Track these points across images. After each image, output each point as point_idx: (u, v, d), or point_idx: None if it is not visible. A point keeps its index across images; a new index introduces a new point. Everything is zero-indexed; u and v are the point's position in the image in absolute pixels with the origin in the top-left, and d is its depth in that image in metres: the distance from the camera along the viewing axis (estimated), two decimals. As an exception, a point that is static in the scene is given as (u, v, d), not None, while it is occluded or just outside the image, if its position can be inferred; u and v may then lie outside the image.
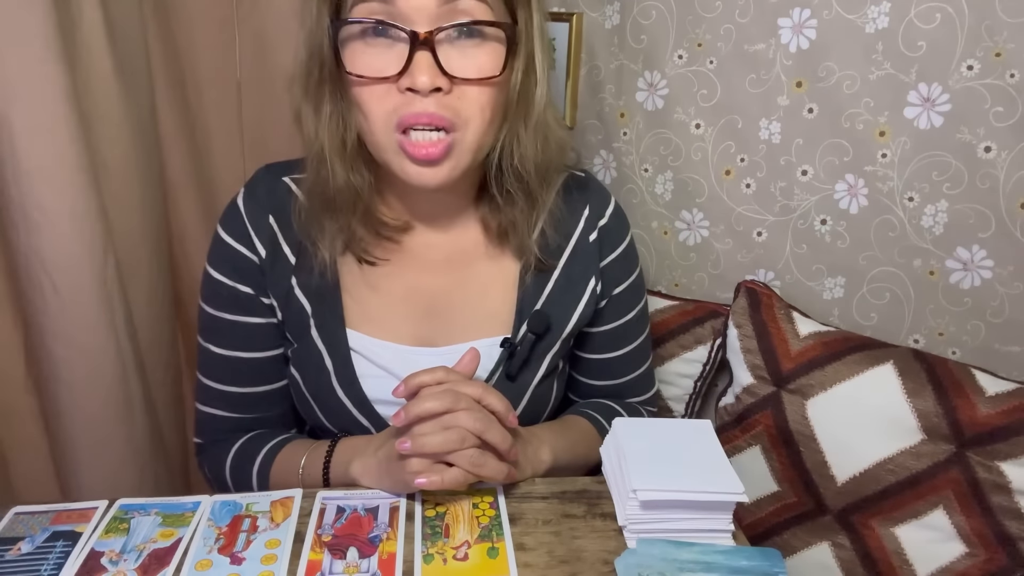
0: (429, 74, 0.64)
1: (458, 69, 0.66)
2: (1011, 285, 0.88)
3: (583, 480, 0.76)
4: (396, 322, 0.80)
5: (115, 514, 0.69)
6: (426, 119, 0.66)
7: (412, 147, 0.67)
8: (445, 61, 0.65)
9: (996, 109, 0.82)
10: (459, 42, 0.66)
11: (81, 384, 0.90)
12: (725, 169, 1.02)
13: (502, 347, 0.79)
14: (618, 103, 1.07)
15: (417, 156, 0.67)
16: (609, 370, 0.90)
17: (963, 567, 0.84)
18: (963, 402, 0.83)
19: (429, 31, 0.64)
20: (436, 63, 0.64)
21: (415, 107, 0.66)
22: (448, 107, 0.67)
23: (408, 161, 0.69)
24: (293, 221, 0.78)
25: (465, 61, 0.66)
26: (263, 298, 0.80)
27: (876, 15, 0.86)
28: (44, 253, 0.83)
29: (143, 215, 0.99)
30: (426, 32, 0.64)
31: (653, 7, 0.99)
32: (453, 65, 0.65)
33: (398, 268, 0.80)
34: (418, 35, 0.64)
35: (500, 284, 0.81)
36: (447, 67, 0.65)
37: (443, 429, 0.66)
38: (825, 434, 0.90)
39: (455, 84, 0.66)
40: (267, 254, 0.78)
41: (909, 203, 0.90)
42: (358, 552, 0.64)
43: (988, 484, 0.82)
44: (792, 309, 0.99)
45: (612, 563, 0.64)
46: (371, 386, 0.78)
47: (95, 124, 0.89)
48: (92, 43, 0.87)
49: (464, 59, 0.66)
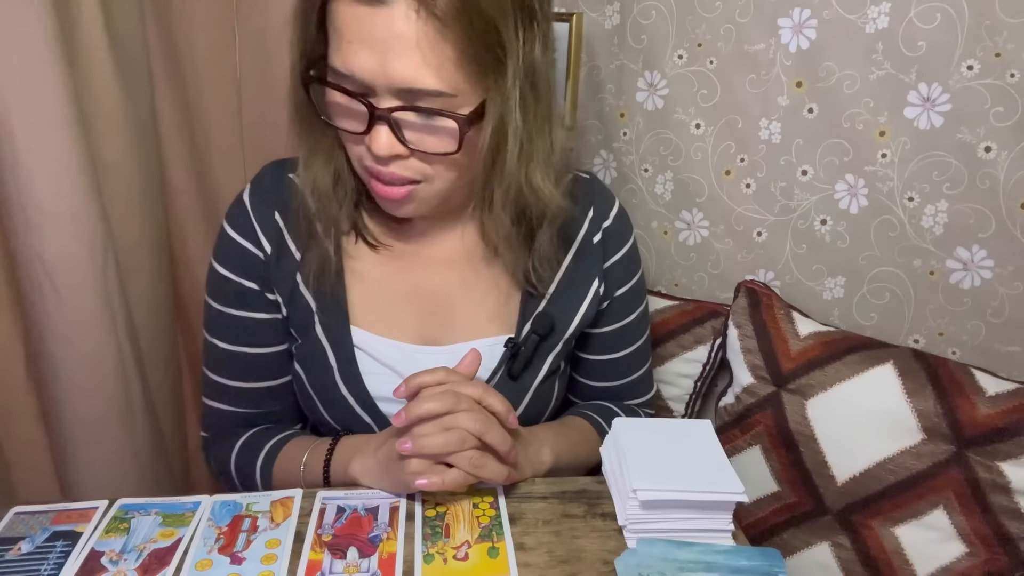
0: (387, 144, 0.65)
1: (416, 142, 0.66)
2: (1011, 285, 0.88)
3: (583, 480, 0.76)
4: (400, 320, 0.80)
5: (115, 514, 0.69)
6: (387, 176, 0.68)
7: (377, 187, 0.70)
8: (405, 131, 0.65)
9: (996, 109, 0.82)
10: (419, 117, 0.65)
11: (81, 384, 0.90)
12: (725, 169, 1.02)
13: (506, 347, 0.79)
14: (618, 103, 1.07)
15: (380, 194, 0.71)
16: (609, 372, 0.90)
17: (963, 567, 0.84)
18: (963, 402, 0.83)
19: (386, 108, 0.64)
20: (394, 134, 0.65)
21: (377, 165, 0.68)
22: (409, 168, 0.68)
23: (379, 196, 0.72)
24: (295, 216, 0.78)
25: (424, 135, 0.66)
26: (268, 294, 0.80)
27: (876, 15, 0.86)
28: (44, 253, 0.83)
29: (143, 215, 0.99)
30: (383, 108, 0.64)
31: (653, 7, 0.99)
32: (412, 137, 0.66)
33: (402, 266, 0.81)
34: (376, 110, 0.64)
35: (504, 284, 0.81)
36: (406, 138, 0.65)
37: (443, 430, 0.66)
38: (825, 434, 0.90)
39: (414, 154, 0.67)
40: (272, 250, 0.79)
41: (909, 203, 0.90)
42: (358, 552, 0.64)
43: (988, 484, 0.82)
44: (792, 309, 0.99)
45: (612, 563, 0.64)
46: (374, 383, 0.78)
47: (95, 124, 0.89)
48: (92, 43, 0.87)
49: (423, 133, 0.66)
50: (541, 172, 0.70)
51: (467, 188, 0.73)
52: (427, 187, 0.70)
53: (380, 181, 0.69)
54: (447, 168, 0.69)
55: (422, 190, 0.70)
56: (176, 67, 1.04)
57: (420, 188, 0.70)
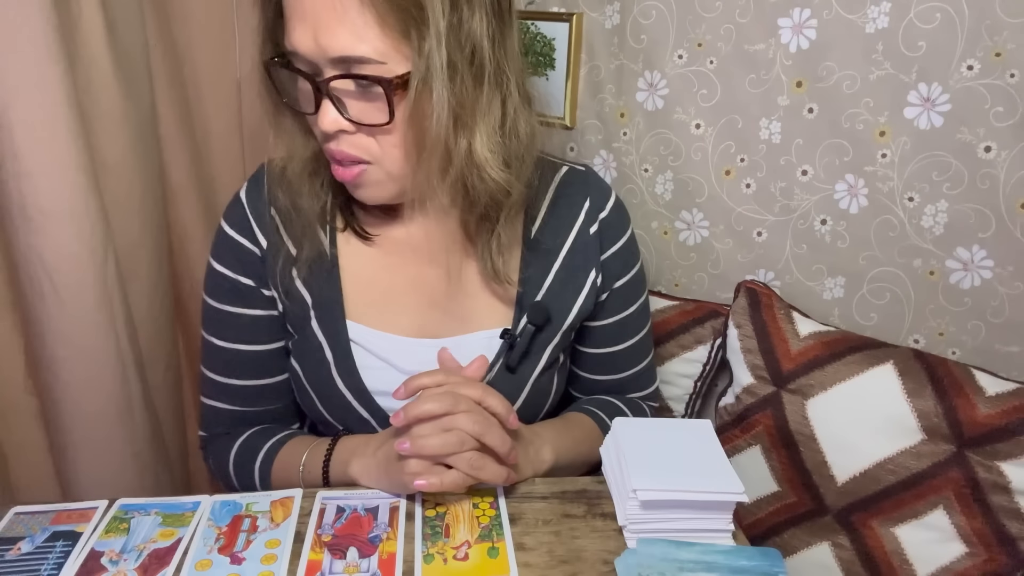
0: (331, 119, 0.67)
1: (358, 115, 0.68)
2: (1011, 285, 0.88)
3: (583, 480, 0.76)
4: (396, 313, 0.80)
5: (115, 514, 0.69)
6: (339, 156, 0.70)
7: (335, 170, 0.72)
8: (348, 107, 0.67)
9: (996, 109, 0.82)
10: (355, 89, 0.67)
11: (81, 384, 0.90)
12: (725, 169, 1.02)
13: (502, 338, 0.79)
14: (618, 103, 1.07)
15: (337, 176, 0.72)
16: (610, 365, 0.90)
17: (963, 567, 0.84)
18: (963, 402, 0.83)
19: (325, 79, 0.65)
20: (337, 109, 0.67)
21: (329, 143, 0.70)
22: (357, 145, 0.69)
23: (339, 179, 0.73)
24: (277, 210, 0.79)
25: (363, 107, 0.67)
26: (264, 290, 0.80)
27: (876, 15, 0.86)
28: (44, 253, 0.83)
29: (143, 215, 0.99)
30: (321, 80, 0.66)
31: (653, 7, 0.99)
32: (354, 112, 0.68)
33: (398, 259, 0.81)
34: (316, 83, 0.66)
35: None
36: (347, 112, 0.67)
37: (442, 431, 0.66)
38: (825, 434, 0.90)
39: (358, 129, 0.68)
40: (268, 246, 0.79)
41: (909, 203, 0.90)
42: (358, 552, 0.64)
43: (988, 484, 0.82)
44: (792, 309, 0.99)
45: (612, 563, 0.64)
46: (371, 377, 0.78)
47: (95, 124, 0.89)
48: (92, 43, 0.87)
49: (362, 105, 0.67)
50: (483, 147, 0.68)
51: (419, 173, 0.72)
52: (377, 168, 0.71)
53: (335, 169, 0.72)
54: (391, 145, 0.69)
55: (372, 172, 0.71)
56: (176, 67, 1.04)
57: (371, 169, 0.71)
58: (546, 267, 0.82)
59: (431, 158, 0.68)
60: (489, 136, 0.69)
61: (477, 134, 0.68)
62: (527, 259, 0.81)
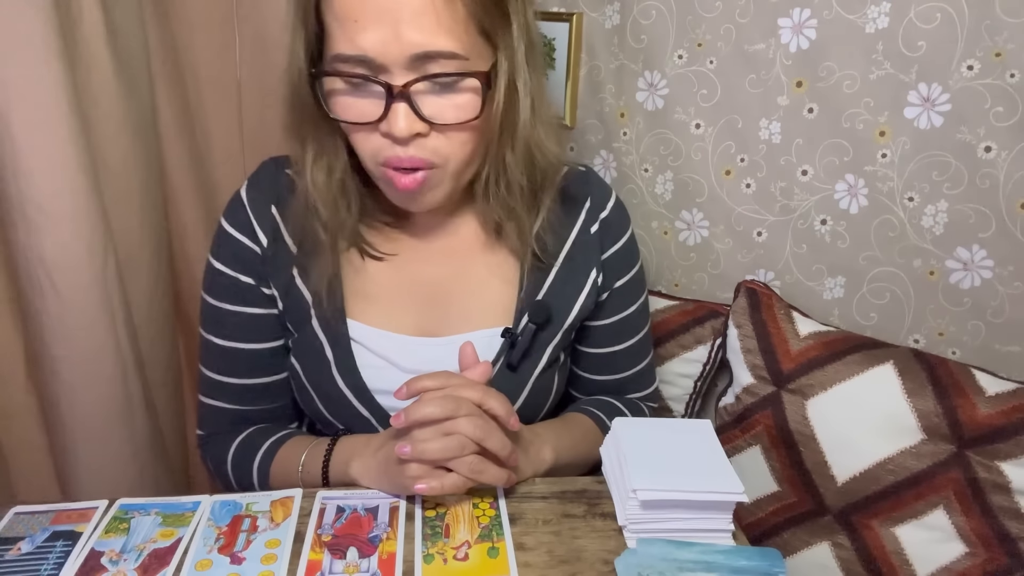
0: (407, 122, 0.65)
1: (436, 115, 0.66)
2: (1011, 285, 0.88)
3: (583, 480, 0.76)
4: (397, 312, 0.80)
5: (115, 514, 0.69)
6: (407, 163, 0.68)
7: (395, 180, 0.70)
8: (423, 107, 0.66)
9: (996, 109, 0.82)
10: (432, 88, 0.66)
11: (81, 384, 0.90)
12: (725, 169, 1.02)
13: (503, 337, 0.79)
14: (618, 103, 1.07)
15: (398, 188, 0.70)
16: (610, 365, 0.90)
17: (963, 567, 0.84)
18: (963, 402, 0.83)
19: (404, 84, 0.64)
20: (413, 111, 0.65)
21: (396, 151, 0.68)
22: (427, 148, 0.68)
23: (393, 189, 0.72)
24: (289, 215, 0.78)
25: (443, 106, 0.66)
26: (264, 288, 0.80)
27: (876, 15, 0.86)
28: (44, 253, 0.83)
29: (143, 215, 0.99)
30: (401, 86, 0.64)
31: (653, 7, 0.99)
32: (431, 111, 0.66)
33: (400, 258, 0.81)
34: (392, 88, 0.64)
35: (501, 274, 0.81)
36: (425, 113, 0.66)
37: (443, 435, 0.66)
38: (825, 434, 0.90)
39: (435, 129, 0.67)
40: (269, 244, 0.79)
41: (909, 203, 0.90)
42: (358, 552, 0.64)
43: (988, 484, 0.82)
44: (792, 309, 0.99)
45: (612, 563, 0.64)
46: (371, 376, 0.78)
47: (95, 124, 0.89)
48: (92, 43, 0.87)
49: (441, 104, 0.66)
50: (545, 130, 0.73)
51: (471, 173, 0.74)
52: (441, 172, 0.70)
53: (399, 171, 0.69)
54: (462, 144, 0.69)
55: (436, 175, 0.70)
56: (176, 67, 1.04)
57: (434, 174, 0.70)
58: (547, 266, 0.82)
59: (505, 147, 0.71)
60: (548, 119, 0.74)
61: (540, 118, 0.73)
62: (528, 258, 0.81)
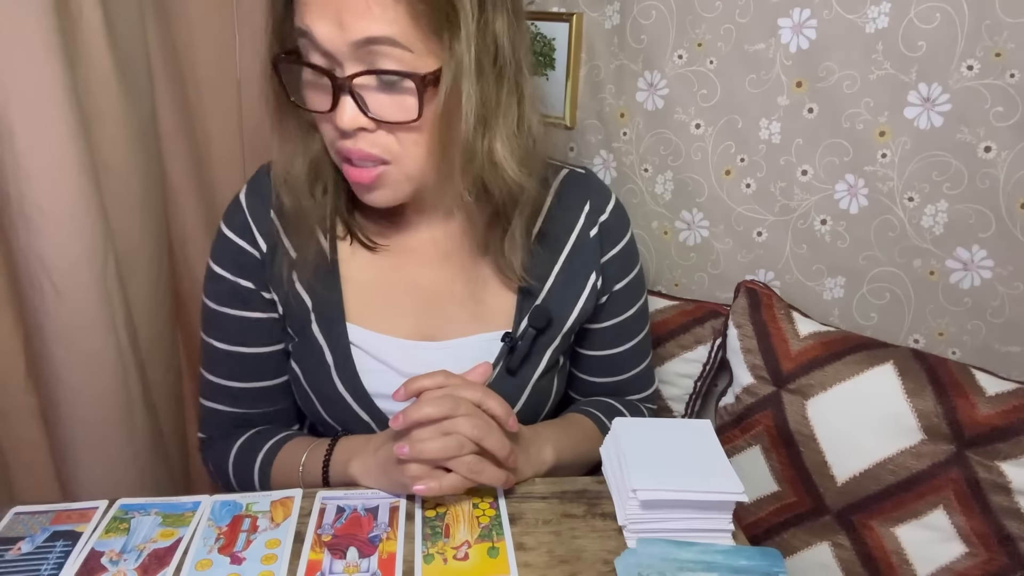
0: (351, 116, 0.65)
1: (379, 112, 0.66)
2: (1011, 285, 0.88)
3: (583, 480, 0.76)
4: (396, 316, 0.80)
5: (115, 514, 0.69)
6: (356, 154, 0.68)
7: (349, 171, 0.70)
8: (369, 103, 0.65)
9: (996, 109, 0.82)
10: (379, 85, 0.65)
11: (81, 384, 0.90)
12: (725, 169, 1.02)
13: (503, 341, 0.79)
14: (618, 103, 1.07)
15: (352, 178, 0.70)
16: (610, 367, 0.90)
17: (963, 567, 0.84)
18: (963, 402, 0.83)
19: (348, 76, 0.64)
20: (358, 106, 0.65)
21: (346, 143, 0.68)
22: (376, 144, 0.68)
23: (352, 182, 0.71)
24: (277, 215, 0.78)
25: (387, 104, 0.66)
26: (264, 293, 0.80)
27: (876, 15, 0.86)
28: (44, 253, 0.83)
29: (143, 215, 0.99)
30: (344, 77, 0.64)
31: (653, 7, 0.99)
32: (374, 108, 0.66)
33: (398, 262, 0.81)
34: (336, 79, 0.64)
35: (500, 278, 0.81)
36: (369, 109, 0.66)
37: (442, 435, 0.66)
38: (825, 434, 0.90)
39: (379, 126, 0.67)
40: (268, 248, 0.79)
41: (909, 203, 0.90)
42: (358, 552, 0.64)
43: (988, 484, 0.82)
44: (792, 309, 0.99)
45: (612, 563, 0.64)
46: (371, 380, 0.78)
47: (95, 124, 0.89)
48: (92, 43, 0.87)
49: (385, 102, 0.66)
50: (503, 147, 0.69)
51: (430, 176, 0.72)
52: (396, 169, 0.70)
53: (351, 164, 0.69)
54: (413, 144, 0.68)
55: (391, 172, 0.70)
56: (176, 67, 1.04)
57: (389, 170, 0.70)
58: (546, 270, 0.82)
59: (453, 157, 0.68)
60: (508, 136, 0.70)
61: (498, 134, 0.69)
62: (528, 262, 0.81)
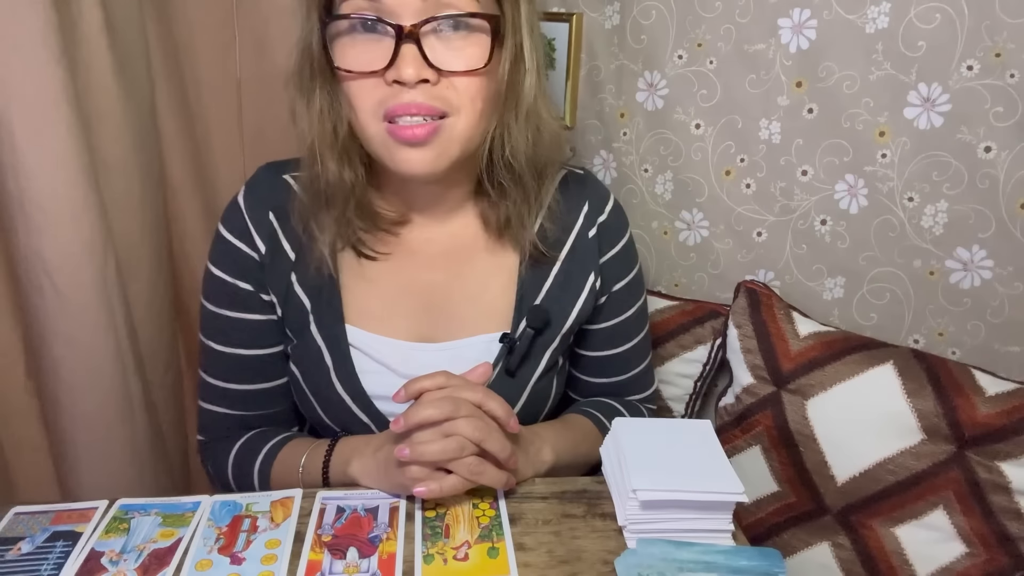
0: (415, 66, 0.65)
1: (444, 61, 0.66)
2: (1011, 285, 0.88)
3: (583, 480, 0.76)
4: (395, 318, 0.80)
5: (115, 514, 0.69)
6: (414, 109, 0.67)
7: (398, 130, 0.68)
8: (431, 53, 0.66)
9: (996, 109, 0.82)
10: (445, 34, 0.67)
11: (81, 384, 0.90)
12: (725, 169, 1.02)
13: (501, 342, 0.79)
14: (618, 103, 1.07)
15: (402, 137, 0.68)
16: (609, 367, 0.90)
17: (963, 567, 0.84)
18: (963, 402, 0.83)
19: (414, 24, 0.65)
20: (422, 55, 0.65)
21: (402, 98, 0.67)
22: (437, 97, 0.67)
23: (395, 146, 0.69)
24: (291, 216, 0.78)
25: (451, 53, 0.67)
26: (263, 295, 0.80)
27: (876, 15, 0.86)
28: (44, 253, 0.83)
29: (143, 215, 0.99)
30: (411, 26, 0.65)
31: (653, 7, 0.99)
32: (439, 57, 0.66)
33: (397, 263, 0.80)
34: (403, 29, 0.65)
35: (499, 279, 0.81)
36: (433, 59, 0.66)
37: (442, 437, 0.65)
38: (825, 434, 0.90)
39: (443, 76, 0.67)
40: (267, 250, 0.79)
41: (909, 203, 0.90)
42: (358, 552, 0.64)
43: (988, 484, 0.82)
44: (792, 309, 0.99)
45: (612, 563, 0.64)
46: (370, 382, 0.78)
47: (95, 124, 0.89)
48: (92, 43, 0.87)
49: (450, 51, 0.67)
50: (547, 107, 0.73)
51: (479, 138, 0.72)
52: (452, 124, 0.69)
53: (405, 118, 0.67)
54: (472, 99, 0.69)
55: (447, 126, 0.69)
56: (176, 67, 1.04)
57: (445, 124, 0.69)
58: (545, 270, 0.82)
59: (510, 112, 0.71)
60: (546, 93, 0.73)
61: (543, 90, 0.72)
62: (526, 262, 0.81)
